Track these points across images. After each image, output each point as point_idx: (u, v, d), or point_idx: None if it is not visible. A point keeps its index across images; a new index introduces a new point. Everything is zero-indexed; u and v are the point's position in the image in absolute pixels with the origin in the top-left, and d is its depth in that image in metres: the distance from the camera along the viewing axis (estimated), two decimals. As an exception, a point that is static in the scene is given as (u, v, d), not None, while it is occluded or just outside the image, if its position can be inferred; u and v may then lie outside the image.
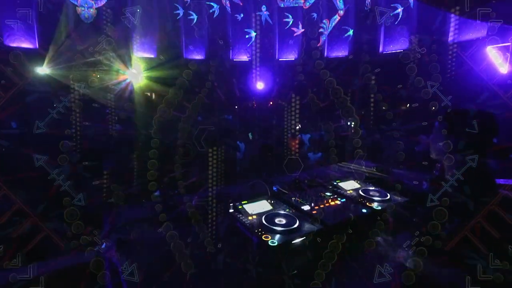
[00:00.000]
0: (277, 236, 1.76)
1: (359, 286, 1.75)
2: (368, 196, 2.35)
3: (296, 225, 1.85)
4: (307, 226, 1.89)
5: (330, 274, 1.76)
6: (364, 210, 2.16)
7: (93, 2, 5.39)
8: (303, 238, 1.78)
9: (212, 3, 6.19)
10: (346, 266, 1.80)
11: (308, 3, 6.33)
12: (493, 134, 1.53)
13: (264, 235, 1.75)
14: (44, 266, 2.13)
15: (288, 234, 1.79)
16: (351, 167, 2.99)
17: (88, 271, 2.00)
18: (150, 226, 2.08)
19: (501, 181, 3.03)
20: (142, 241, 1.99)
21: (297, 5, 6.62)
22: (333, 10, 6.38)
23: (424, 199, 1.64)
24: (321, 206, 2.22)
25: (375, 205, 2.24)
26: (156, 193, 2.58)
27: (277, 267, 1.65)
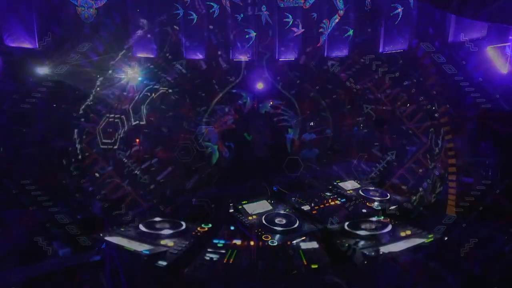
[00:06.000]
0: (277, 236, 1.76)
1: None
2: (368, 196, 2.35)
3: (296, 225, 1.86)
4: (307, 226, 1.89)
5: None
6: (364, 210, 2.16)
7: (93, 2, 5.39)
8: (303, 238, 1.78)
9: (212, 3, 6.20)
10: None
11: (308, 3, 6.32)
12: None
13: (264, 235, 1.75)
14: (45, 265, 2.14)
15: (288, 234, 1.79)
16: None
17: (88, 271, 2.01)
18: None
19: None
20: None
21: (297, 5, 6.64)
22: (333, 10, 6.40)
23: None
24: (321, 206, 2.21)
25: (375, 205, 2.24)
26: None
27: (277, 267, 1.65)
